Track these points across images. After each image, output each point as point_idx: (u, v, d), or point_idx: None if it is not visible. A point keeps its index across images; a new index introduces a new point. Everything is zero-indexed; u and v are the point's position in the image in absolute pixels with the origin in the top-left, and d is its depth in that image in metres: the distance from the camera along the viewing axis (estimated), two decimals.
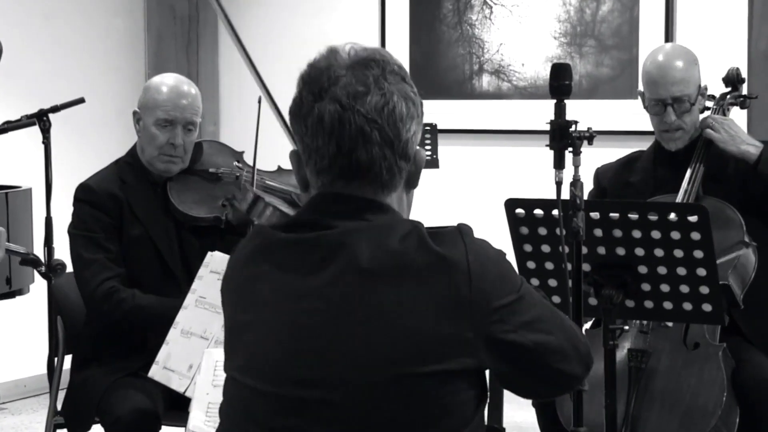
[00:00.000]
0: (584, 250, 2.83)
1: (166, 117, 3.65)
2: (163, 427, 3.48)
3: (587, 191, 3.80)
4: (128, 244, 3.63)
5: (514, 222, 3.05)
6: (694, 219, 2.89)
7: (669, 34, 5.22)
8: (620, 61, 5.40)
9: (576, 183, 2.67)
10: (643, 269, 2.97)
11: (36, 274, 4.37)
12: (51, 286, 3.87)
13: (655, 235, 2.93)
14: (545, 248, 3.05)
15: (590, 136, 2.70)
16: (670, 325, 3.41)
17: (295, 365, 1.76)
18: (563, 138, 2.68)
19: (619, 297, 2.96)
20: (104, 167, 3.77)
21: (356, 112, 1.77)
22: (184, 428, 3.02)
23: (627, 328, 3.37)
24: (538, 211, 3.01)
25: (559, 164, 2.68)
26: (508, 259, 1.85)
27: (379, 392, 1.71)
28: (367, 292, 1.73)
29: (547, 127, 2.70)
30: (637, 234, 2.94)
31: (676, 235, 2.91)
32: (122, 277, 3.60)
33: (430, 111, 5.60)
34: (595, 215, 2.94)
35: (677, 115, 3.61)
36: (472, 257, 1.75)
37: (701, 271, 2.93)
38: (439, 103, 5.70)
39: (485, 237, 1.80)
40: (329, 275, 1.76)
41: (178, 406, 3.40)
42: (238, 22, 6.35)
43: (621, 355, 3.32)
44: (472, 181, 5.66)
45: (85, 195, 3.65)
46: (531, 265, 3.09)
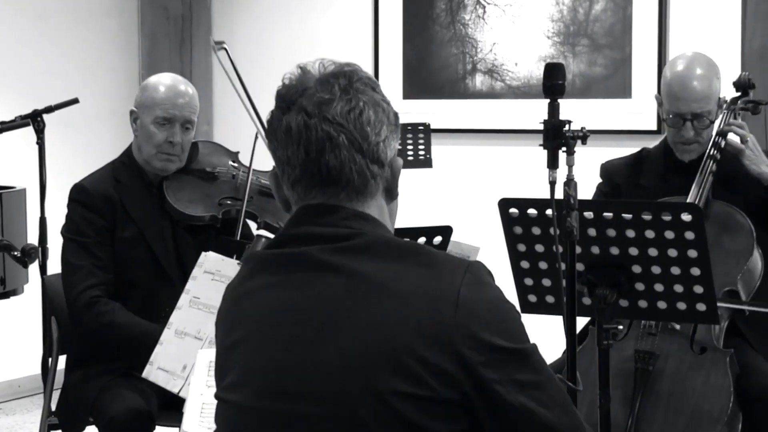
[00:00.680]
0: (578, 250, 2.83)
1: (165, 115, 3.65)
2: (157, 428, 3.48)
3: (595, 185, 3.83)
4: (122, 245, 3.63)
5: (508, 221, 3.05)
6: (687, 218, 2.89)
7: (662, 34, 5.23)
8: (613, 61, 5.40)
9: (570, 182, 2.67)
10: (637, 269, 2.97)
11: (30, 274, 4.38)
12: (45, 287, 3.87)
13: (649, 234, 2.92)
14: (539, 248, 3.05)
15: (584, 136, 2.70)
16: (678, 327, 3.40)
17: (281, 379, 1.75)
18: (557, 137, 2.68)
19: (613, 296, 2.96)
20: (99, 168, 3.77)
21: (322, 118, 1.77)
22: (178, 429, 3.02)
23: (621, 327, 3.38)
24: (532, 211, 3.01)
25: (553, 164, 2.68)
26: (518, 315, 1.78)
27: (361, 409, 1.69)
28: (352, 308, 1.72)
29: (541, 127, 2.71)
30: (630, 233, 2.94)
31: (670, 235, 2.91)
32: (108, 285, 3.60)
33: (423, 110, 5.65)
34: (589, 215, 2.94)
35: (696, 131, 3.60)
36: (465, 291, 1.71)
37: (695, 271, 2.93)
38: (433, 103, 5.70)
39: (479, 236, 1.80)
40: (316, 290, 1.75)
41: (172, 406, 3.40)
42: (232, 23, 6.36)
43: (628, 356, 3.33)
44: (465, 181, 5.66)
45: (78, 196, 3.65)
46: (525, 264, 3.09)
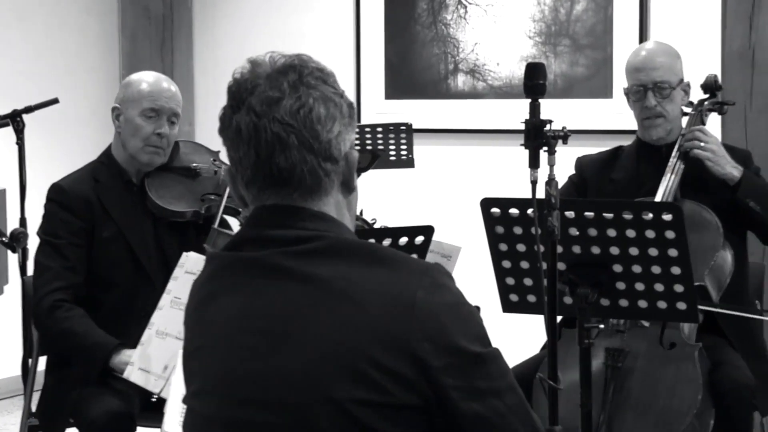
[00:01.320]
0: (559, 249, 2.84)
1: (153, 106, 3.65)
2: (138, 428, 3.47)
3: (567, 178, 3.86)
4: (101, 245, 3.62)
5: (490, 221, 3.05)
6: (668, 218, 2.90)
7: (643, 34, 5.24)
8: (595, 61, 5.41)
9: (551, 182, 2.68)
10: (618, 268, 2.98)
11: (9, 275, 4.36)
12: (25, 287, 3.85)
13: (630, 233, 2.93)
14: (521, 247, 3.06)
15: (565, 135, 2.71)
16: (647, 324, 3.42)
17: (241, 388, 1.74)
18: (538, 137, 2.69)
19: (594, 295, 2.97)
20: (78, 169, 3.76)
21: (271, 118, 1.75)
22: (159, 429, 3.01)
23: (602, 326, 3.39)
24: (514, 210, 3.01)
25: (534, 163, 2.69)
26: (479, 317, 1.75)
27: (321, 418, 1.67)
28: (311, 315, 1.70)
29: (522, 127, 2.71)
30: (612, 233, 2.94)
31: (650, 234, 2.92)
32: (76, 289, 3.58)
33: (405, 110, 5.65)
34: (570, 214, 2.95)
35: (657, 101, 3.67)
36: (422, 294, 1.68)
37: (676, 270, 2.94)
38: (415, 103, 5.71)
39: (461, 236, 1.79)
40: (275, 296, 1.73)
41: (154, 406, 3.39)
42: (214, 21, 6.35)
43: (597, 354, 3.33)
44: (447, 181, 5.67)
45: (56, 195, 3.64)
46: (506, 264, 3.10)
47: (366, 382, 1.65)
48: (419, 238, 3.04)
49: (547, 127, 2.70)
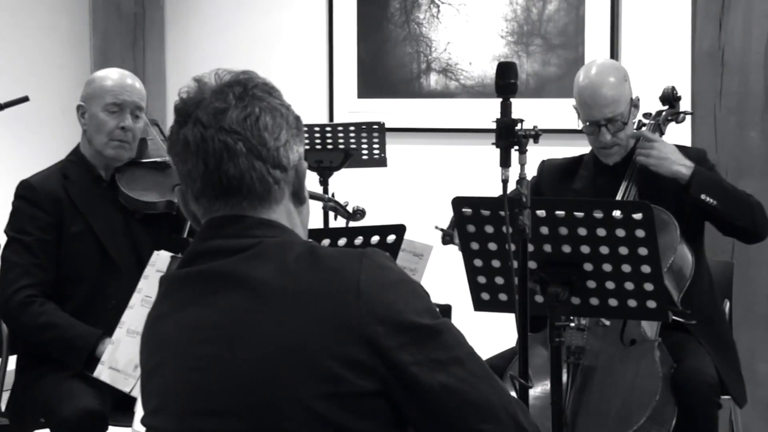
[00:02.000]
0: (530, 248, 2.85)
1: (115, 101, 3.67)
2: (110, 428, 3.46)
3: (531, 178, 3.87)
4: (70, 240, 3.62)
5: (461, 220, 3.06)
6: (638, 216, 2.92)
7: (614, 34, 5.26)
8: (566, 60, 5.43)
9: (522, 181, 2.69)
10: (588, 266, 2.99)
11: None
12: None
13: (601, 232, 2.95)
14: (492, 246, 3.07)
15: (536, 135, 2.72)
16: (608, 323, 3.45)
17: (197, 398, 1.73)
18: (509, 136, 2.70)
19: (565, 294, 2.98)
20: (47, 167, 3.75)
21: (218, 128, 1.75)
22: (130, 428, 3.01)
23: (573, 324, 3.41)
24: (485, 210, 3.02)
25: (506, 162, 2.70)
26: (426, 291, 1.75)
27: (280, 418, 1.67)
28: (258, 318, 1.70)
29: (494, 126, 2.72)
30: (582, 231, 2.96)
31: (621, 233, 2.94)
32: (46, 286, 3.58)
33: (377, 109, 5.65)
34: (542, 213, 2.96)
35: (612, 134, 3.68)
36: (364, 276, 1.69)
37: (645, 268, 2.96)
38: (387, 102, 5.71)
39: (433, 235, 1.78)
40: (221, 304, 1.73)
41: (124, 406, 3.39)
42: (187, 20, 6.33)
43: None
44: (419, 180, 5.67)
45: (24, 192, 3.64)
46: (478, 263, 3.11)
47: (325, 377, 1.65)
48: (391, 237, 3.04)
49: (519, 127, 2.71)
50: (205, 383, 1.73)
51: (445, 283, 3.90)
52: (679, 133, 4.35)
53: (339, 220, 4.26)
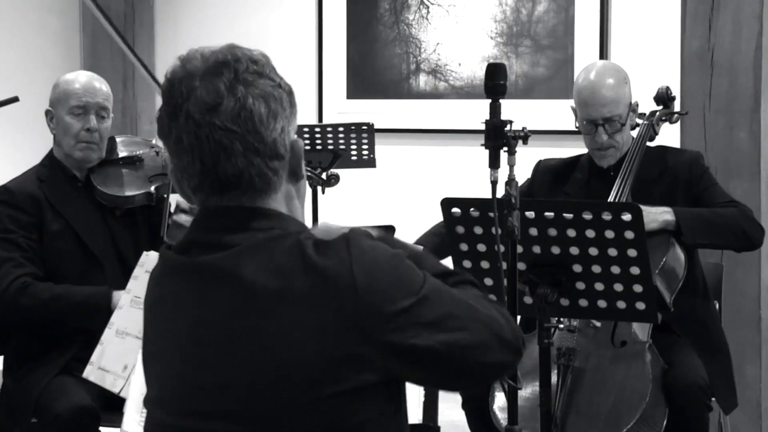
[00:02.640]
0: (519, 249, 2.85)
1: (79, 103, 3.73)
2: (99, 428, 3.46)
3: (526, 178, 3.88)
4: (50, 239, 3.66)
5: (450, 221, 3.06)
6: (627, 218, 2.92)
7: (604, 35, 5.27)
8: (556, 61, 5.43)
9: (511, 182, 2.69)
10: (577, 268, 2.99)
11: None
12: None
13: (590, 233, 2.95)
14: (481, 247, 3.06)
15: (525, 136, 2.72)
16: (599, 324, 3.45)
17: (196, 398, 1.73)
18: (498, 137, 2.70)
19: (554, 296, 2.98)
20: (21, 173, 3.80)
21: (212, 126, 1.71)
22: (119, 429, 3.00)
23: (562, 327, 3.41)
24: (474, 211, 3.02)
25: (495, 163, 2.69)
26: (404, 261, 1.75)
27: (281, 421, 1.67)
28: (255, 319, 1.68)
29: (483, 127, 2.72)
30: (571, 233, 2.96)
31: (610, 234, 2.94)
32: (38, 276, 3.60)
33: (367, 110, 5.65)
34: (531, 214, 2.96)
35: (608, 135, 3.67)
36: (357, 268, 1.67)
37: (635, 270, 2.96)
38: (376, 103, 5.71)
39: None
40: (219, 303, 1.71)
41: (113, 406, 3.39)
42: (176, 20, 6.32)
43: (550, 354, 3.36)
44: (408, 181, 5.67)
45: (2, 196, 3.68)
46: (467, 264, 3.10)
47: (325, 378, 1.65)
48: None
49: (508, 128, 2.71)
50: (201, 385, 1.72)
51: None
52: (668, 134, 4.35)
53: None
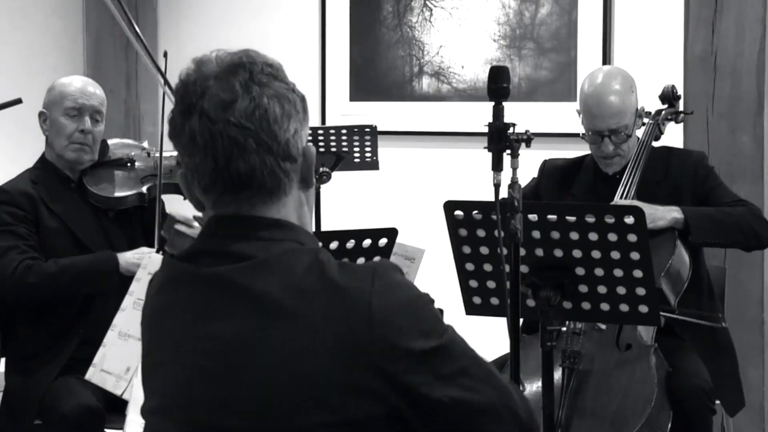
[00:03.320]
0: (522, 252, 2.85)
1: (74, 105, 3.78)
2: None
3: (532, 178, 3.88)
4: (46, 236, 3.71)
5: (453, 224, 3.06)
6: (630, 221, 2.92)
7: (607, 38, 5.27)
8: (559, 64, 5.43)
9: (514, 185, 2.69)
10: (580, 271, 2.99)
11: None
12: None
13: (593, 236, 2.95)
14: (484, 250, 3.07)
15: (528, 139, 2.72)
16: (604, 327, 3.44)
17: (198, 410, 1.70)
18: (501, 140, 2.70)
19: (557, 298, 2.98)
20: (15, 176, 3.84)
21: (226, 122, 1.70)
22: (121, 431, 3.01)
23: (564, 329, 3.41)
24: (477, 213, 3.03)
25: (497, 166, 2.69)
26: (431, 304, 1.72)
27: None
28: (265, 336, 1.65)
29: (486, 130, 2.72)
30: (574, 236, 2.96)
31: (613, 237, 2.94)
32: (40, 260, 3.64)
33: (370, 112, 5.65)
34: (533, 217, 2.96)
35: (614, 145, 3.66)
36: (376, 300, 1.64)
37: (638, 273, 2.96)
38: (379, 105, 5.70)
39: (424, 238, 1.77)
40: (228, 317, 1.69)
41: (117, 408, 3.39)
42: (178, 24, 6.32)
43: (555, 357, 3.35)
44: (411, 183, 5.67)
45: None
46: (470, 267, 3.10)
47: (330, 406, 1.63)
48: (383, 241, 3.04)
49: (511, 130, 2.70)
50: (205, 400, 1.70)
51: (437, 286, 3.89)
52: (672, 138, 4.35)
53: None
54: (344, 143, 4.58)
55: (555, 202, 3.63)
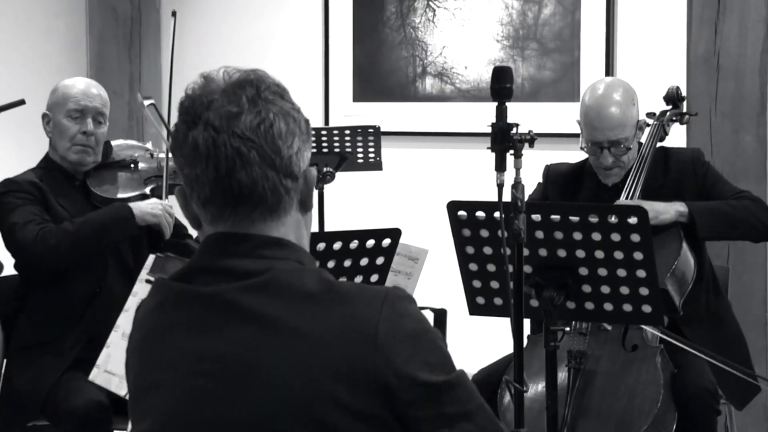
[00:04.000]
0: (525, 252, 2.85)
1: (77, 107, 3.80)
2: None
3: (534, 186, 3.88)
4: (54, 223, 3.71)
5: (457, 224, 3.06)
6: (633, 221, 2.92)
7: (610, 39, 5.27)
8: (562, 65, 5.43)
9: (517, 185, 2.69)
10: (583, 271, 2.99)
11: None
12: None
13: (596, 237, 2.95)
14: (487, 250, 3.07)
15: (531, 139, 2.72)
16: (609, 327, 3.45)
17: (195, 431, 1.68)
18: (504, 140, 2.70)
19: (560, 298, 2.98)
20: (19, 174, 3.86)
21: (231, 133, 1.68)
22: (125, 431, 3.01)
23: (568, 329, 3.41)
24: (480, 213, 3.02)
25: (501, 167, 2.70)
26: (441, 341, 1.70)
27: None
28: (268, 360, 1.64)
29: (489, 130, 2.72)
30: (578, 236, 2.96)
31: (616, 237, 2.94)
32: None
33: (373, 113, 5.65)
34: (537, 217, 2.96)
35: (614, 157, 3.65)
36: (383, 327, 1.63)
37: (641, 273, 2.96)
38: (383, 106, 5.71)
39: (428, 239, 1.76)
40: (230, 339, 1.67)
41: (120, 410, 3.40)
42: (182, 23, 6.32)
43: (560, 357, 3.35)
44: (415, 183, 5.68)
45: (8, 186, 3.75)
46: (473, 267, 3.11)
47: (329, 426, 1.61)
48: (386, 241, 3.05)
49: (514, 131, 2.71)
50: (204, 420, 1.68)
51: (440, 287, 3.90)
52: (675, 138, 4.35)
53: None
54: (348, 144, 4.59)
55: (558, 203, 3.63)
